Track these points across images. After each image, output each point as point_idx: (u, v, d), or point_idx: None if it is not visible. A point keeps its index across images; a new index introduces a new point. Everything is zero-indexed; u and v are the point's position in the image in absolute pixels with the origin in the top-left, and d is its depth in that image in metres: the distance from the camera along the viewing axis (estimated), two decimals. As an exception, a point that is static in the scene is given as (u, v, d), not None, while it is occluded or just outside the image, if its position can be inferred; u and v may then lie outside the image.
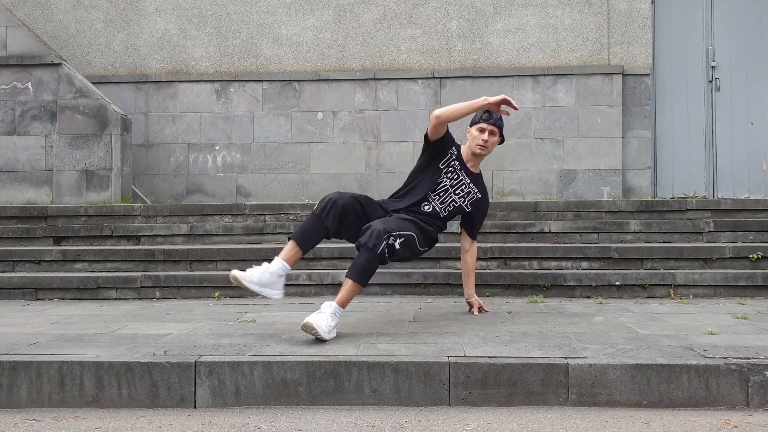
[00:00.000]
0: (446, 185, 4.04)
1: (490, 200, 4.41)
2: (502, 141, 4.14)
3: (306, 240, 3.71)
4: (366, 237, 3.57)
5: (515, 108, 3.87)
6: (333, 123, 7.70)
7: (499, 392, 2.93)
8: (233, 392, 2.98)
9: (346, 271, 3.65)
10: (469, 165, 4.11)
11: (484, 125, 4.02)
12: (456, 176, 4.06)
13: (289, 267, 3.66)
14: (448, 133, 4.07)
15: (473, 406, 2.92)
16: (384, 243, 3.53)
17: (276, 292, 3.63)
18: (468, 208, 4.13)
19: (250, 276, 3.55)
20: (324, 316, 3.40)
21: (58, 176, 7.00)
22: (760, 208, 5.97)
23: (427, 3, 7.69)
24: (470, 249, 4.30)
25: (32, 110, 7.04)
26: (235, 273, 3.54)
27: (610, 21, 7.54)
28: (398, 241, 3.61)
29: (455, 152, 4.08)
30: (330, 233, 3.76)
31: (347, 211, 3.72)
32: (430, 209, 3.99)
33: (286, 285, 5.27)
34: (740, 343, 3.27)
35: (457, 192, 4.06)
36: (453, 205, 4.06)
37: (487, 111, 4.01)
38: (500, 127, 4.06)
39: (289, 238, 3.74)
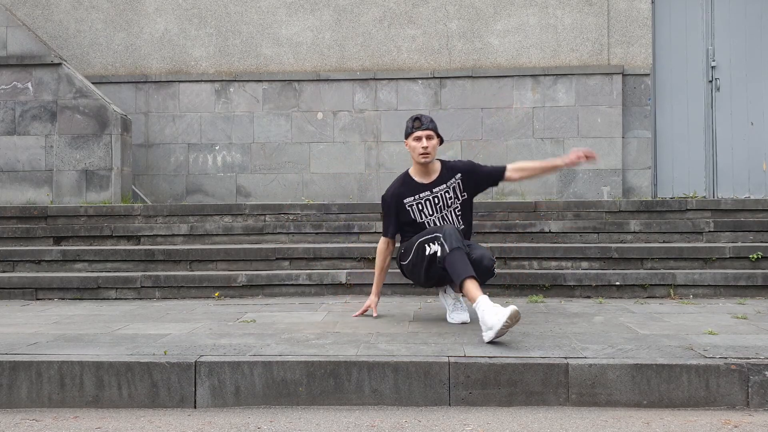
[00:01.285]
0: (437, 217, 4.02)
1: (489, 200, 4.38)
2: (441, 142, 4.09)
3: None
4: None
5: None
6: (333, 123, 7.70)
7: (499, 392, 2.93)
8: (233, 392, 2.98)
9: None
10: (425, 181, 4.06)
11: (419, 133, 3.98)
12: (432, 202, 4.02)
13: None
14: (385, 204, 4.10)
15: (473, 406, 2.92)
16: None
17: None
18: (465, 194, 4.06)
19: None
20: None
21: (58, 176, 7.00)
22: (760, 208, 5.97)
23: (427, 3, 7.69)
24: (515, 168, 4.06)
25: (32, 110, 7.04)
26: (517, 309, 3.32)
27: (610, 21, 7.54)
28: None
29: (411, 192, 4.04)
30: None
31: None
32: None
33: (286, 285, 5.32)
34: (740, 343, 3.27)
35: (446, 206, 4.03)
36: (455, 212, 4.05)
37: (417, 119, 4.00)
38: (434, 129, 4.02)
39: (464, 280, 3.57)
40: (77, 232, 6.00)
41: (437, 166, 4.11)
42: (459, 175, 4.07)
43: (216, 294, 5.16)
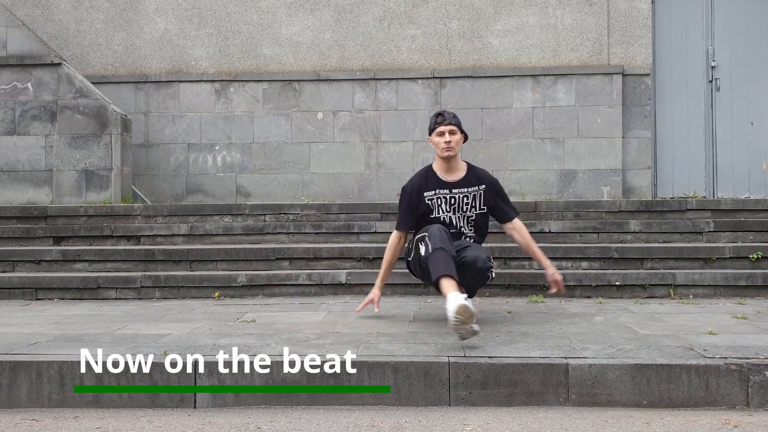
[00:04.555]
0: (451, 215, 4.02)
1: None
2: (466, 138, 4.09)
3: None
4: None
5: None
6: (333, 123, 7.70)
7: (499, 392, 2.93)
8: (233, 392, 2.98)
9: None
10: (449, 178, 4.05)
11: (442, 128, 3.98)
12: (449, 201, 4.02)
13: None
14: (404, 196, 4.08)
15: (473, 406, 2.92)
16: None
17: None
18: (483, 208, 4.07)
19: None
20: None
21: (58, 176, 7.00)
22: (760, 208, 5.97)
23: (427, 3, 7.68)
24: (515, 227, 4.17)
25: (32, 110, 7.03)
26: (466, 303, 3.25)
27: (610, 21, 7.54)
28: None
29: (432, 187, 4.03)
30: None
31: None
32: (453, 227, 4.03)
33: (286, 285, 5.31)
34: (740, 343, 3.27)
35: (459, 209, 4.03)
36: (467, 219, 4.04)
37: (440, 114, 4.01)
38: (458, 125, 4.01)
39: (439, 278, 3.56)
40: (77, 232, 6.00)
41: (462, 165, 4.11)
42: (484, 186, 4.07)
43: (216, 294, 5.16)
